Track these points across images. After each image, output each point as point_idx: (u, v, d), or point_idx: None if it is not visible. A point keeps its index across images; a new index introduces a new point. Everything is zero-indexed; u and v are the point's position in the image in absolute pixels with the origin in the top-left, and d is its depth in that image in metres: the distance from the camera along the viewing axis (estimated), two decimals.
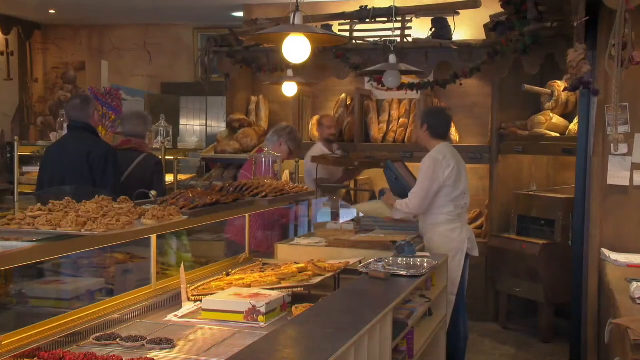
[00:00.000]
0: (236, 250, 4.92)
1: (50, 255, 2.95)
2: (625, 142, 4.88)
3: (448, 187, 5.35)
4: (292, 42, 3.75)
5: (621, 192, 5.04)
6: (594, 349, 5.06)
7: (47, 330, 2.97)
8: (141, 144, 5.81)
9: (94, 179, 5.29)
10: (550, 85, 7.42)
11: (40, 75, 11.40)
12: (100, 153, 5.43)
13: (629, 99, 4.88)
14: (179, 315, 3.43)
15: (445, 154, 5.42)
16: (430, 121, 5.54)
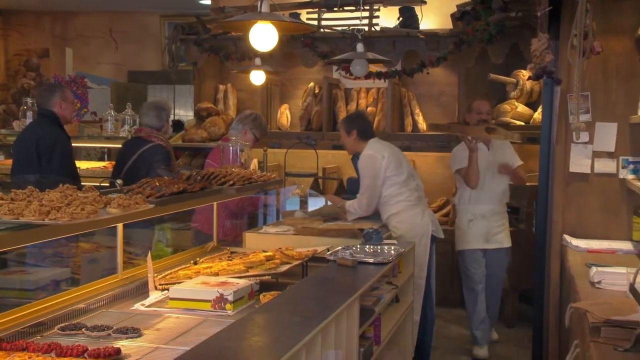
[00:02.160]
0: (204, 239, 4.91)
1: (12, 245, 2.91)
2: (587, 130, 4.93)
3: (392, 176, 5.45)
4: (259, 30, 3.73)
5: (582, 179, 5.08)
6: (555, 333, 5.13)
7: (10, 321, 2.95)
8: (150, 133, 5.81)
9: (40, 166, 5.28)
10: (515, 74, 7.48)
11: (1, 62, 11.23)
12: (48, 141, 5.39)
13: (590, 88, 4.92)
14: (146, 305, 3.40)
15: (376, 148, 5.55)
16: (357, 126, 5.67)
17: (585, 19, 4.07)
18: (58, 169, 5.39)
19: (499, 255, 6.19)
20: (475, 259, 6.15)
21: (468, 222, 6.12)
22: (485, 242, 6.09)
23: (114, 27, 10.99)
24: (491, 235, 6.09)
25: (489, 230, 6.09)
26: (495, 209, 6.13)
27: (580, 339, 3.02)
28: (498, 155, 6.16)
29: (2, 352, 2.64)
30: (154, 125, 5.89)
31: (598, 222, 5.06)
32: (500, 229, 6.13)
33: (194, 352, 2.44)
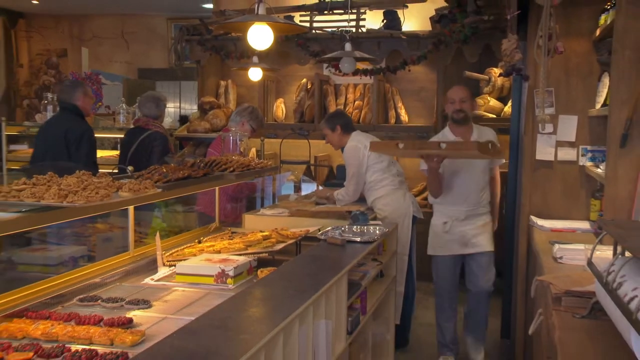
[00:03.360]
0: (207, 221, 4.91)
1: (34, 225, 2.91)
2: (551, 122, 4.97)
3: (374, 163, 5.47)
4: (257, 31, 3.73)
5: (547, 166, 5.11)
6: (522, 303, 5.17)
7: (34, 293, 2.96)
8: (147, 122, 5.89)
9: (69, 156, 5.29)
10: (488, 72, 7.50)
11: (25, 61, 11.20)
12: (77, 132, 5.42)
13: (554, 84, 4.95)
14: (155, 279, 3.42)
15: (358, 139, 5.57)
16: (339, 121, 5.67)
17: (549, 22, 4.08)
18: (86, 158, 5.42)
19: (481, 260, 5.14)
20: (447, 266, 5.18)
21: (442, 225, 5.11)
22: (463, 247, 5.11)
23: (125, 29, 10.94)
24: (469, 239, 5.08)
25: (466, 234, 5.08)
26: (474, 211, 5.10)
27: (543, 307, 3.05)
28: None
29: (29, 320, 2.66)
30: (152, 114, 5.95)
31: (560, 204, 5.08)
32: (479, 231, 5.09)
33: (198, 322, 2.45)
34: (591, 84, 4.92)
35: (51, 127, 5.73)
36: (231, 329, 2.40)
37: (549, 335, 2.64)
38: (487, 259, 5.15)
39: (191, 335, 2.28)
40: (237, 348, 2.16)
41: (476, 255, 5.12)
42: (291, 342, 2.58)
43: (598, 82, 4.84)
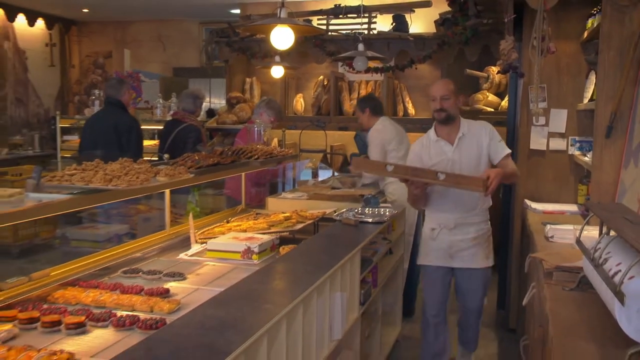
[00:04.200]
0: (234, 203, 4.92)
1: (84, 205, 2.93)
2: (544, 115, 4.98)
3: (393, 150, 5.41)
4: (279, 32, 3.73)
5: (540, 155, 5.11)
6: (516, 277, 5.17)
7: (85, 265, 2.99)
8: (184, 115, 5.93)
9: (121, 145, 5.34)
10: (487, 70, 7.45)
11: (76, 62, 11.26)
12: (125, 125, 5.48)
13: (546, 81, 4.95)
14: (189, 254, 3.43)
15: (384, 124, 5.52)
16: (369, 105, 5.60)
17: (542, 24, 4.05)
18: (135, 147, 5.53)
19: (469, 277, 4.09)
20: (433, 278, 4.15)
21: (430, 232, 4.10)
22: (449, 259, 4.06)
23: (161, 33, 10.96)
24: (456, 251, 4.03)
25: (454, 245, 4.02)
26: (466, 219, 3.99)
27: (536, 281, 3.04)
28: (469, 146, 3.98)
29: (80, 289, 2.69)
30: (189, 109, 5.99)
31: (551, 189, 5.08)
32: (469, 244, 4.01)
33: (227, 293, 2.46)
34: (580, 81, 4.92)
35: (99, 119, 5.80)
36: (256, 299, 2.41)
37: (541, 306, 2.63)
38: (477, 277, 4.09)
39: (221, 305, 2.29)
40: (261, 316, 2.17)
41: (464, 270, 4.08)
42: (310, 311, 2.59)
43: (586, 80, 4.83)
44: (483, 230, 4.08)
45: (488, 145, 3.95)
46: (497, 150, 3.95)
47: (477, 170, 3.87)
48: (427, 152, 4.03)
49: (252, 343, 1.96)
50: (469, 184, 3.54)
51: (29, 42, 10.14)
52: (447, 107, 3.93)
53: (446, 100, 3.93)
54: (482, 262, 4.08)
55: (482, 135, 3.98)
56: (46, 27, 10.37)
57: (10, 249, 5.72)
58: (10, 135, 9.14)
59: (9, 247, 5.70)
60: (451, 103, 3.95)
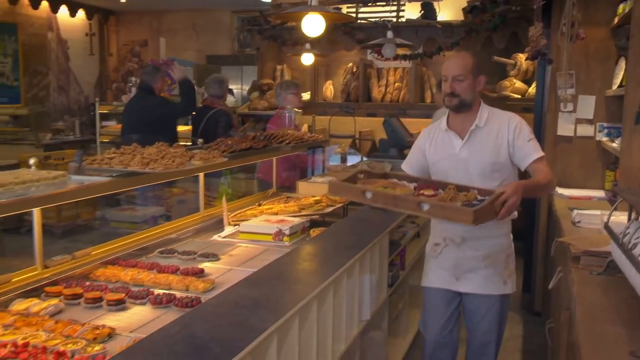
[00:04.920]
0: (266, 187, 4.92)
1: (122, 188, 2.97)
2: (572, 101, 4.88)
3: None
4: (310, 20, 3.70)
5: (567, 141, 5.02)
6: (541, 262, 5.11)
7: (123, 245, 3.03)
8: (214, 101, 5.98)
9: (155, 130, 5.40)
10: (514, 57, 7.34)
11: (114, 50, 11.38)
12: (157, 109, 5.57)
13: (575, 68, 4.85)
14: (222, 236, 3.45)
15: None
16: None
17: (572, 11, 3.98)
18: (170, 131, 5.59)
19: (479, 305, 3.13)
20: (434, 305, 3.24)
21: (433, 247, 3.22)
22: (454, 281, 3.13)
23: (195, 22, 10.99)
24: (463, 272, 3.10)
25: (459, 263, 3.10)
26: (475, 231, 2.94)
27: (563, 265, 3.00)
28: (484, 142, 3.00)
29: (119, 267, 2.73)
30: (216, 94, 6.05)
31: (578, 175, 5.00)
32: (480, 263, 3.06)
33: (259, 273, 2.47)
34: (608, 67, 4.82)
35: (135, 105, 5.88)
36: (287, 280, 2.41)
37: (568, 289, 2.59)
38: (489, 306, 3.12)
39: (253, 285, 2.30)
40: (293, 296, 2.18)
41: (474, 296, 3.12)
42: (340, 292, 2.59)
43: (615, 66, 4.72)
44: (501, 246, 3.10)
45: (512, 143, 2.95)
46: (524, 151, 2.93)
47: (491, 177, 2.95)
48: (432, 146, 3.12)
49: (284, 322, 1.96)
50: (456, 216, 2.52)
51: (70, 32, 10.27)
52: (461, 91, 2.96)
53: (460, 81, 2.95)
54: (498, 287, 3.09)
55: (504, 129, 2.97)
56: (86, 17, 10.50)
57: (55, 229, 5.84)
58: (53, 121, 9.28)
59: (53, 228, 5.82)
60: (466, 86, 2.95)
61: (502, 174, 2.98)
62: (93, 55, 10.88)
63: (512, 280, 3.15)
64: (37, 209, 2.43)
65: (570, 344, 2.58)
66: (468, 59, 3.02)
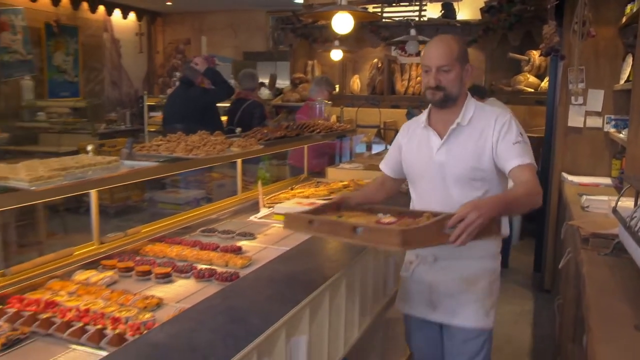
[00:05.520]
0: (297, 172, 4.93)
1: (169, 172, 2.99)
2: (582, 95, 4.81)
3: None
4: (340, 18, 3.68)
5: (577, 132, 4.95)
6: (552, 243, 5.05)
7: (169, 224, 3.05)
8: (247, 94, 6.03)
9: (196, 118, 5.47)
10: (528, 53, 7.22)
11: (160, 48, 11.46)
12: (201, 101, 5.60)
13: (585, 64, 4.77)
14: (258, 217, 3.46)
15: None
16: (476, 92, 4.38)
17: (583, 10, 3.90)
18: (212, 118, 5.64)
19: (458, 338, 2.42)
20: (416, 336, 2.59)
21: (407, 266, 2.52)
22: (431, 309, 2.43)
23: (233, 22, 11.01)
24: (438, 298, 2.40)
25: (434, 286, 2.40)
26: (451, 252, 2.10)
27: (572, 247, 2.96)
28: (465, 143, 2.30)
29: (166, 244, 2.75)
30: (249, 87, 6.08)
31: (587, 163, 4.93)
32: (456, 288, 2.36)
33: (292, 251, 2.49)
34: (616, 63, 4.74)
35: (178, 97, 5.92)
36: (318, 257, 2.42)
37: (577, 269, 2.56)
38: (466, 340, 2.39)
39: (287, 261, 2.31)
40: (325, 272, 2.18)
41: (453, 328, 2.40)
42: (366, 268, 2.59)
43: (622, 62, 4.63)
44: (483, 270, 2.36)
45: (495, 144, 2.22)
46: (506, 154, 2.20)
47: (472, 185, 2.26)
48: (408, 143, 2.46)
49: (316, 295, 1.97)
50: (383, 239, 1.86)
51: (122, 32, 10.38)
52: (447, 84, 2.26)
53: (446, 72, 2.24)
54: (478, 319, 2.34)
55: (489, 129, 2.25)
56: (137, 19, 10.61)
57: (108, 210, 5.94)
58: (107, 113, 9.41)
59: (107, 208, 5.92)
60: (453, 77, 2.25)
61: (485, 184, 2.27)
62: (142, 53, 10.97)
63: (494, 313, 2.39)
64: (94, 191, 2.47)
65: (578, 318, 2.56)
66: (453, 44, 2.27)
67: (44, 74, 8.47)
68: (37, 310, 1.93)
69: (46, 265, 2.33)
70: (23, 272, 2.23)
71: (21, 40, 7.66)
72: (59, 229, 5.51)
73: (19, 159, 2.37)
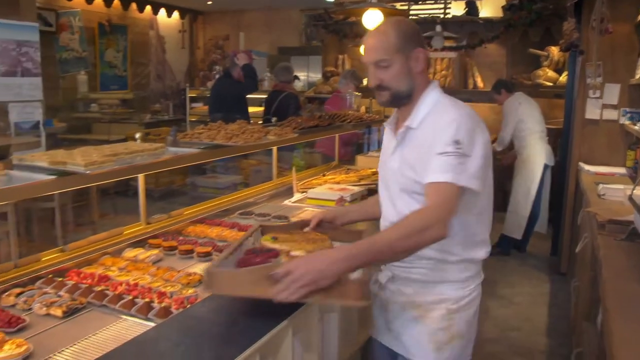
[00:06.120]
0: (328, 160, 4.92)
1: (209, 158, 3.01)
2: (599, 89, 4.71)
3: (522, 121, 5.31)
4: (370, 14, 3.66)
5: (594, 124, 4.86)
6: (569, 229, 4.98)
7: (209, 207, 3.08)
8: (284, 86, 6.06)
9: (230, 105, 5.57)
10: (547, 49, 7.08)
11: (201, 44, 11.52)
12: (236, 92, 5.68)
13: (602, 59, 4.67)
14: (292, 201, 3.46)
15: (520, 100, 5.38)
16: (502, 86, 5.50)
17: (601, 7, 3.80)
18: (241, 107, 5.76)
19: None
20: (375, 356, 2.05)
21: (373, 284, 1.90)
22: (388, 335, 1.90)
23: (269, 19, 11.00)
24: (393, 320, 1.86)
25: (389, 312, 1.88)
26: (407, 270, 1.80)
27: (589, 232, 2.91)
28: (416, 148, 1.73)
29: (205, 226, 2.77)
30: (285, 80, 6.08)
31: (603, 153, 4.83)
32: (407, 314, 1.81)
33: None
34: (632, 58, 4.64)
35: (216, 87, 6.06)
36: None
37: (594, 253, 2.51)
38: None
39: None
40: None
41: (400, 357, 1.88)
42: None
43: (638, 57, 4.52)
44: (440, 297, 1.79)
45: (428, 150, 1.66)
46: (428, 165, 1.65)
47: (416, 200, 1.73)
48: (384, 145, 2.01)
49: None
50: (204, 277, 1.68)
51: (167, 29, 10.48)
52: (389, 81, 1.77)
53: (385, 68, 1.76)
54: (424, 354, 1.81)
55: (431, 130, 1.71)
56: (180, 17, 10.70)
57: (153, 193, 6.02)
58: (152, 104, 9.53)
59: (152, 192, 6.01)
60: (395, 72, 1.75)
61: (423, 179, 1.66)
62: (184, 49, 11.05)
63: (453, 351, 1.80)
64: (141, 175, 2.50)
65: (593, 299, 2.52)
66: (389, 33, 1.75)
67: (96, 69, 8.61)
68: (92, 283, 1.97)
69: (99, 242, 2.37)
70: (79, 248, 2.28)
71: (78, 39, 7.79)
72: (109, 210, 5.62)
73: (74, 146, 2.41)
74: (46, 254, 2.19)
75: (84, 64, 7.97)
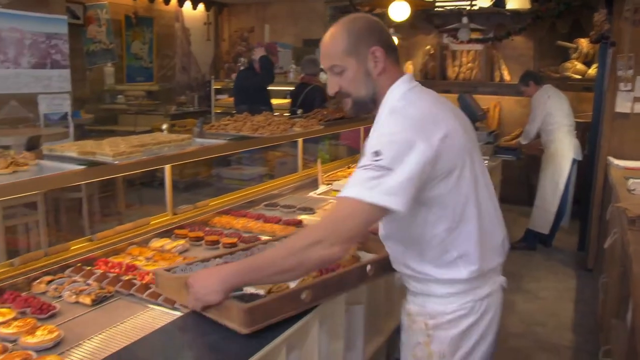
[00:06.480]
0: (353, 152, 4.90)
1: (235, 149, 3.02)
2: (630, 82, 4.58)
3: (551, 114, 5.21)
4: (397, 6, 3.62)
5: (624, 117, 4.73)
6: (596, 224, 4.88)
7: (235, 199, 3.09)
8: (310, 79, 6.08)
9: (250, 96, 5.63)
10: (576, 41, 6.91)
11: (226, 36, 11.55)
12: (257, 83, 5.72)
13: (635, 51, 4.51)
14: (317, 193, 3.47)
15: (549, 93, 5.29)
16: (530, 78, 5.44)
17: None
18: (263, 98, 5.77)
19: None
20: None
21: None
22: None
23: (293, 11, 10.98)
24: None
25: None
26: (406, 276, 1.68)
27: (618, 228, 2.84)
28: None
29: (231, 217, 2.79)
30: (312, 72, 6.09)
31: (633, 147, 4.70)
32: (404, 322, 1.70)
33: None
34: None
35: (242, 80, 6.09)
36: None
37: (623, 249, 2.46)
38: None
39: None
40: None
41: None
42: None
43: None
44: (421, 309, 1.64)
45: None
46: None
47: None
48: None
49: None
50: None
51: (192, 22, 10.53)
52: (347, 87, 1.59)
53: (339, 74, 1.59)
54: None
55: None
56: (205, 9, 10.74)
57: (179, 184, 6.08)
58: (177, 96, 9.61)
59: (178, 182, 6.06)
60: (351, 76, 1.57)
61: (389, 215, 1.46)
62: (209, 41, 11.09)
63: None
64: (168, 166, 2.51)
65: (622, 296, 2.46)
66: (337, 35, 1.57)
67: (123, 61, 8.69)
68: (120, 272, 1.99)
69: (126, 232, 2.40)
70: (107, 238, 2.31)
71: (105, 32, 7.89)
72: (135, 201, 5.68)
73: (102, 137, 2.43)
74: (74, 243, 2.22)
75: (110, 56, 8.07)
